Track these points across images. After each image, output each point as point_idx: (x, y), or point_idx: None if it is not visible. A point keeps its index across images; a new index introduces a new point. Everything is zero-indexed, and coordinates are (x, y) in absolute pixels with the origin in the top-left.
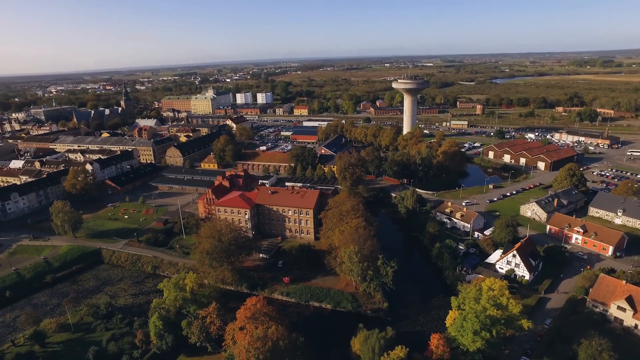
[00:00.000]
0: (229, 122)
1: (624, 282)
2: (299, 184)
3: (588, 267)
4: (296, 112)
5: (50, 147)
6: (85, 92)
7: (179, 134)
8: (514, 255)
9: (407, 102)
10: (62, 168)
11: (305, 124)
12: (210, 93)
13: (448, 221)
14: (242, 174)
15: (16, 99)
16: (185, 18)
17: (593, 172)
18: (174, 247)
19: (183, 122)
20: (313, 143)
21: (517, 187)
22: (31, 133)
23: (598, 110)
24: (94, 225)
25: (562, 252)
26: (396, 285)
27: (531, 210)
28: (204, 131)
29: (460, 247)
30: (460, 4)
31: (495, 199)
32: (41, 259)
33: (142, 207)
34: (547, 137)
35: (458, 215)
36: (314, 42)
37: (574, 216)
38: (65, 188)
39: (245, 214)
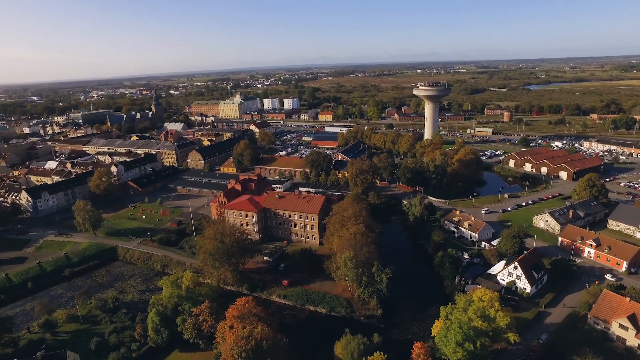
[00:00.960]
0: (252, 127)
1: (628, 299)
2: (312, 189)
3: (597, 282)
4: (321, 117)
5: (83, 149)
6: (123, 96)
7: (202, 138)
8: (515, 267)
9: (428, 108)
10: (90, 169)
11: (327, 129)
12: (237, 98)
13: (455, 230)
14: (255, 178)
15: (60, 104)
16: (221, 24)
17: (620, 183)
18: (183, 247)
19: (209, 126)
20: (332, 149)
21: (535, 197)
22: (68, 136)
23: (636, 117)
24: (113, 224)
25: (569, 266)
26: (396, 292)
27: (544, 221)
28: (227, 136)
29: (465, 256)
30: (497, 9)
31: (509, 209)
32: (62, 254)
33: (159, 208)
34: (576, 145)
35: (465, 224)
36: (347, 48)
37: (587, 229)
38: (90, 188)
39: (253, 217)
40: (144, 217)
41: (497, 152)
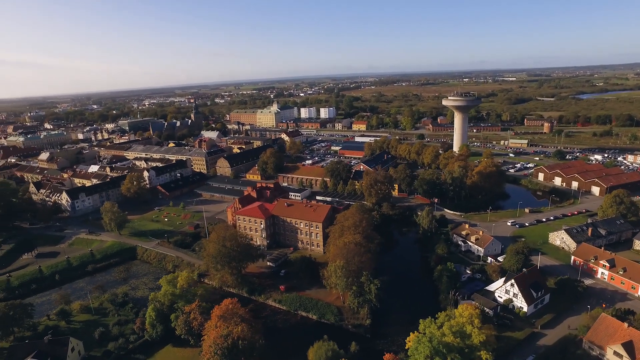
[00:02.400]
0: (283, 135)
1: (626, 324)
2: (329, 198)
3: (604, 305)
4: (355, 127)
5: (124, 154)
6: (171, 104)
7: (233, 146)
8: (512, 285)
9: (457, 119)
10: (125, 173)
11: (357, 139)
12: (274, 107)
13: (462, 244)
14: (272, 186)
15: (114, 112)
16: (269, 34)
17: None
18: (195, 250)
19: (242, 134)
20: (359, 158)
21: (558, 213)
22: (114, 142)
23: None
24: (137, 225)
25: (575, 286)
26: (392, 303)
27: (560, 238)
28: (257, 144)
29: (467, 271)
30: (553, 15)
31: (526, 224)
32: (88, 251)
33: (182, 212)
34: (619, 159)
35: (473, 238)
36: (394, 57)
37: (602, 248)
38: (122, 191)
39: (261, 223)
40: (166, 219)
41: (528, 165)
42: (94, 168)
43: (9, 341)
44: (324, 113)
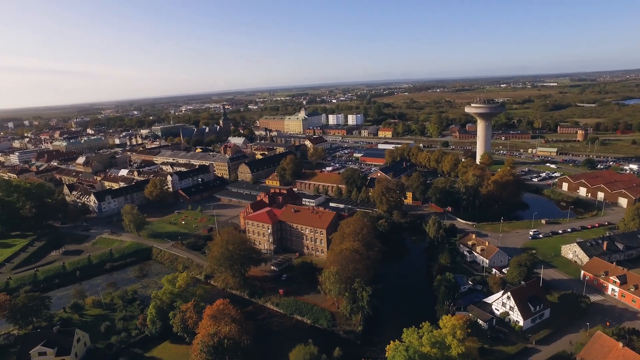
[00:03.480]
0: (306, 142)
1: (621, 344)
2: (342, 205)
3: (608, 322)
4: (380, 134)
5: (153, 159)
6: (206, 110)
7: (256, 152)
8: (508, 297)
9: (480, 126)
10: (150, 177)
11: (380, 146)
12: (302, 114)
13: (468, 254)
14: (285, 192)
15: (151, 117)
16: (303, 40)
17: None
18: (205, 252)
19: (266, 141)
20: (379, 165)
21: (577, 225)
22: (146, 147)
23: None
24: (156, 227)
25: (578, 302)
26: (389, 311)
27: (572, 251)
28: (279, 150)
29: (469, 282)
30: (600, 14)
31: (540, 236)
32: (107, 250)
33: (198, 216)
34: None
35: (478, 249)
36: (430, 63)
37: (614, 263)
38: (145, 194)
39: (268, 228)
40: (183, 222)
41: (554, 174)
42: (123, 172)
43: (27, 329)
44: (351, 120)
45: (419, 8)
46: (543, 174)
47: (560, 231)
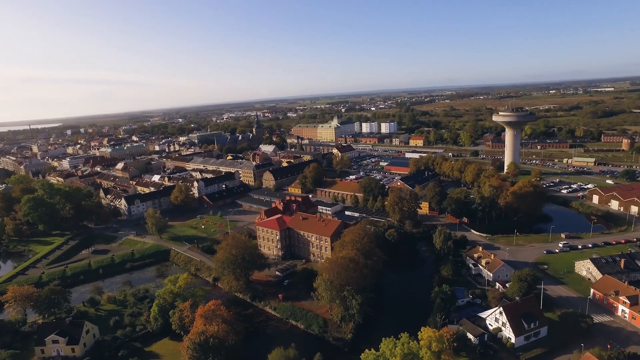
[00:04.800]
0: (334, 150)
1: None
2: (357, 214)
3: (609, 345)
4: (412, 142)
5: (185, 165)
6: (246, 118)
7: (282, 160)
8: (500, 313)
9: (508, 135)
10: (179, 183)
11: (407, 155)
12: (334, 122)
13: (473, 267)
14: (300, 199)
15: (192, 125)
16: (345, 48)
17: None
18: None
19: (296, 148)
20: (403, 174)
21: (600, 240)
22: (181, 153)
23: None
24: (177, 231)
25: (578, 321)
26: (383, 321)
27: (586, 268)
28: (306, 158)
29: (469, 295)
30: None
31: (556, 250)
32: (130, 251)
33: (218, 221)
34: None
35: (483, 262)
36: (475, 69)
37: (627, 283)
38: (171, 199)
39: (277, 235)
40: (203, 227)
41: (587, 186)
42: (155, 177)
43: (49, 319)
44: (384, 128)
45: (466, 15)
46: (574, 185)
47: (580, 246)
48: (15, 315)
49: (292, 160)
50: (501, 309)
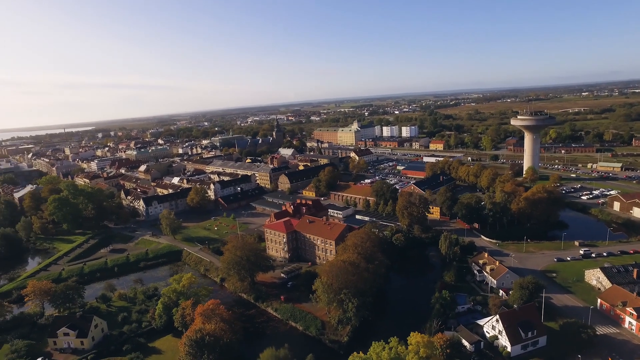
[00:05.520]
0: (352, 154)
1: None
2: (367, 218)
3: (610, 358)
4: (432, 146)
5: (205, 168)
6: (270, 122)
7: (299, 163)
8: (497, 321)
9: (527, 140)
10: (197, 185)
11: (425, 159)
12: (354, 126)
13: (478, 273)
14: (310, 203)
15: (216, 128)
16: (370, 53)
17: None
18: None
19: (313, 152)
20: (418, 179)
21: (616, 249)
22: (202, 156)
23: None
24: (191, 232)
25: (579, 332)
26: (382, 325)
27: (596, 278)
28: (323, 161)
29: (470, 302)
30: None
31: (567, 259)
32: (144, 250)
33: (231, 223)
34: None
35: (488, 268)
36: (503, 71)
37: (636, 294)
38: (187, 201)
39: (283, 237)
40: (216, 228)
41: (610, 192)
42: (175, 180)
43: (64, 313)
44: (405, 132)
45: (495, 18)
46: (596, 192)
47: (594, 254)
48: (34, 309)
49: (309, 164)
50: (497, 316)
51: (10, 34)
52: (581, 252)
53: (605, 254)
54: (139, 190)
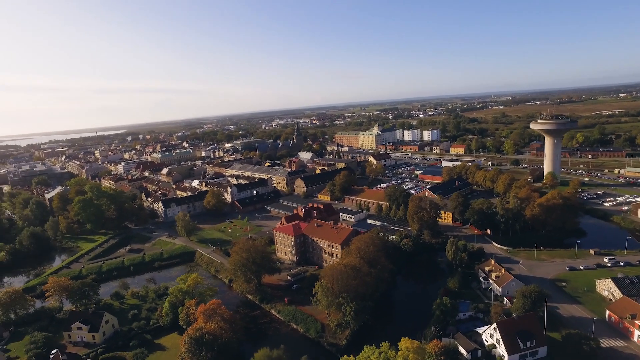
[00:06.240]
0: (370, 158)
1: None
2: (378, 223)
3: None
4: (452, 150)
5: (224, 171)
6: (294, 125)
7: (316, 167)
8: (495, 329)
9: (548, 144)
10: (214, 188)
11: (444, 163)
12: (375, 130)
13: (484, 281)
14: (322, 207)
15: (240, 132)
16: (396, 55)
17: None
18: None
19: (334, 156)
20: (431, 184)
21: (634, 258)
22: (224, 160)
23: None
24: (205, 234)
25: (581, 343)
26: (383, 329)
27: (607, 288)
28: (341, 165)
29: (472, 310)
30: None
31: (580, 268)
32: (159, 251)
33: (244, 225)
34: None
35: (494, 276)
36: (534, 73)
37: None
38: (204, 203)
39: (292, 240)
40: (230, 230)
41: (637, 199)
42: (195, 182)
43: (80, 309)
44: (427, 135)
45: (525, 20)
46: (621, 198)
47: (609, 264)
48: (53, 303)
49: (326, 168)
50: (495, 324)
51: (56, 44)
52: (606, 259)
53: (622, 263)
54: (159, 192)
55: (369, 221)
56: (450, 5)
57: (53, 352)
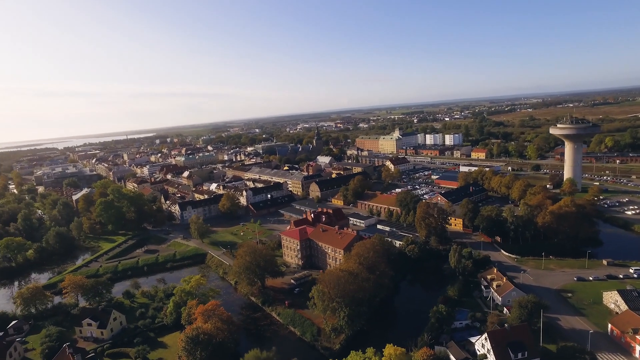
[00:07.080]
0: (387, 162)
1: None
2: (387, 228)
3: None
4: (473, 155)
5: (243, 175)
6: (321, 129)
7: (333, 172)
8: (486, 339)
9: (568, 149)
10: (231, 192)
11: (462, 168)
12: (396, 134)
13: (485, 289)
14: (331, 211)
15: (263, 135)
16: (426, 58)
17: None
18: None
19: (352, 160)
20: (445, 189)
21: None
22: (244, 163)
23: None
24: (218, 236)
25: (574, 356)
26: (380, 335)
27: (614, 301)
28: (357, 170)
29: (469, 318)
30: None
31: (590, 278)
32: (173, 252)
33: (256, 229)
34: None
35: (495, 284)
36: (568, 73)
37: None
38: (219, 206)
39: (297, 244)
40: (242, 234)
41: None
42: (213, 186)
43: (93, 306)
44: (448, 139)
45: (556, 21)
46: None
47: (621, 275)
48: (69, 300)
49: (342, 172)
50: (486, 334)
51: (98, 51)
52: (632, 270)
53: (636, 275)
54: (178, 195)
55: (379, 226)
56: (481, 7)
57: (64, 345)
